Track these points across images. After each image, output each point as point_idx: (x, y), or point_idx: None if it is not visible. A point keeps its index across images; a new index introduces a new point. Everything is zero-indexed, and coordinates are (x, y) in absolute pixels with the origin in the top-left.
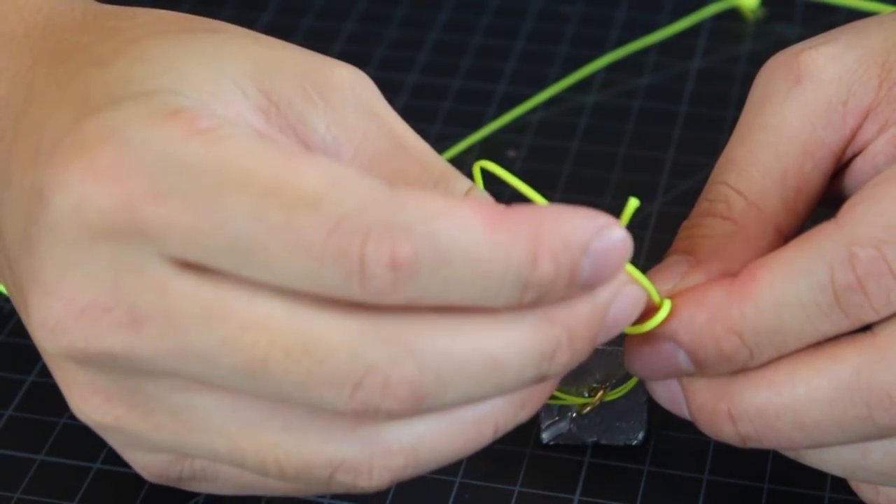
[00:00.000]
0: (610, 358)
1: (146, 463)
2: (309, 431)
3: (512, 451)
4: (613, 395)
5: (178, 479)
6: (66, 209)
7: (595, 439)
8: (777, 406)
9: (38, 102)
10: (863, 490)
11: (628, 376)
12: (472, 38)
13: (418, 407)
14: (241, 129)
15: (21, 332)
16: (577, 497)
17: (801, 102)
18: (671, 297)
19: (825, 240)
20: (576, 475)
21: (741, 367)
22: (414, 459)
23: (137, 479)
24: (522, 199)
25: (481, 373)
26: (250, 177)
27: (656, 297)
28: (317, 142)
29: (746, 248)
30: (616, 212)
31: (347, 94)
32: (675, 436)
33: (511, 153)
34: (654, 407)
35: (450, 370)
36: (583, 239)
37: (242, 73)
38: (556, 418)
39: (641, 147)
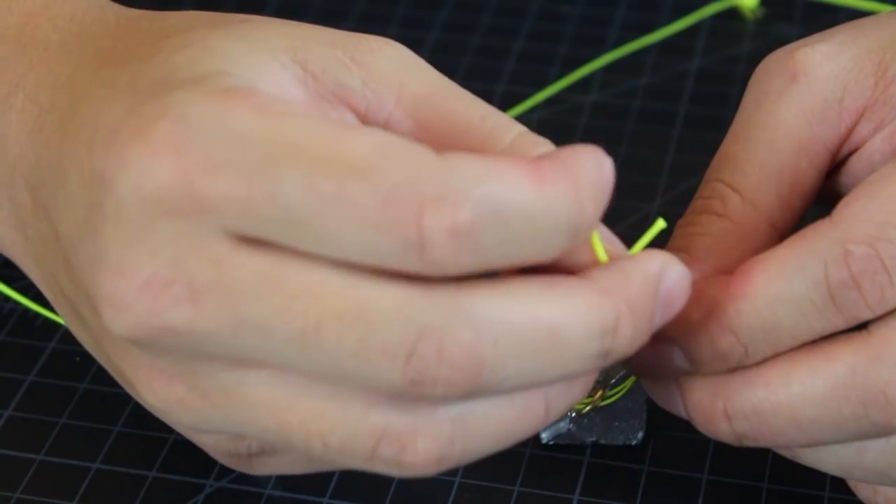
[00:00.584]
0: None
1: (214, 444)
2: (353, 399)
3: (511, 450)
4: (613, 394)
5: (248, 457)
6: (129, 187)
7: (594, 439)
8: (773, 404)
9: (88, 102)
10: (861, 489)
11: (627, 376)
12: (472, 37)
13: (477, 379)
14: (292, 105)
15: (21, 332)
16: (576, 497)
17: (796, 100)
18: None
19: (820, 238)
20: (575, 475)
21: (737, 365)
22: (462, 432)
23: (137, 480)
24: None
25: (542, 342)
26: (301, 147)
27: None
28: (357, 100)
29: (742, 245)
30: (616, 211)
31: (378, 53)
32: (674, 436)
33: None
34: (653, 407)
35: (508, 337)
36: (608, 177)
37: (277, 48)
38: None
39: (641, 147)
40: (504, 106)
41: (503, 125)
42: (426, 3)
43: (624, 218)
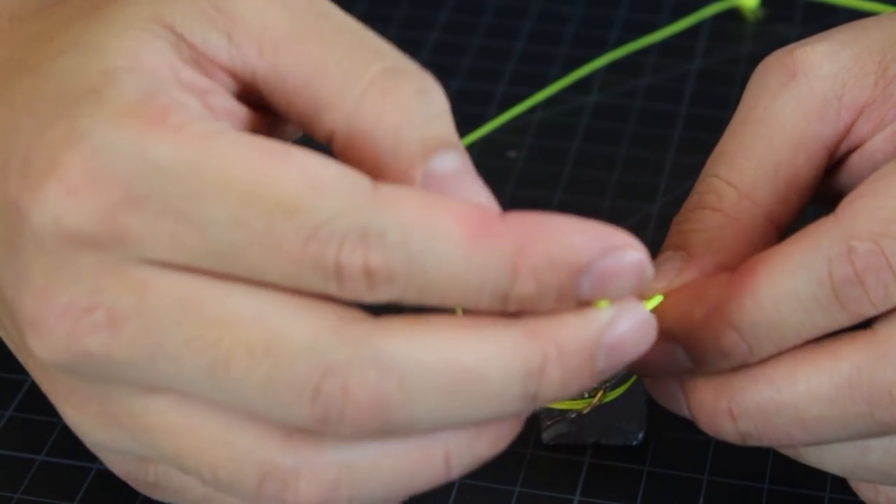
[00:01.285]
0: None
1: (117, 463)
2: (246, 433)
3: (512, 451)
4: (613, 394)
5: (146, 484)
6: (47, 223)
7: (595, 439)
8: (777, 403)
9: None
10: (862, 489)
11: (628, 375)
12: (473, 38)
13: (383, 418)
14: (212, 122)
15: None
16: (577, 497)
17: (795, 97)
18: (667, 294)
19: (823, 234)
20: (576, 475)
21: (741, 363)
22: (349, 477)
23: None
24: (524, 201)
25: (454, 385)
26: (229, 182)
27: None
28: (225, 58)
29: (740, 240)
30: (616, 212)
31: None
32: (674, 436)
33: (511, 153)
34: (653, 407)
35: (417, 377)
36: (576, 260)
37: (145, 17)
38: (557, 418)
39: (641, 147)
40: (504, 106)
41: (357, 69)
42: (427, 3)
43: (624, 219)
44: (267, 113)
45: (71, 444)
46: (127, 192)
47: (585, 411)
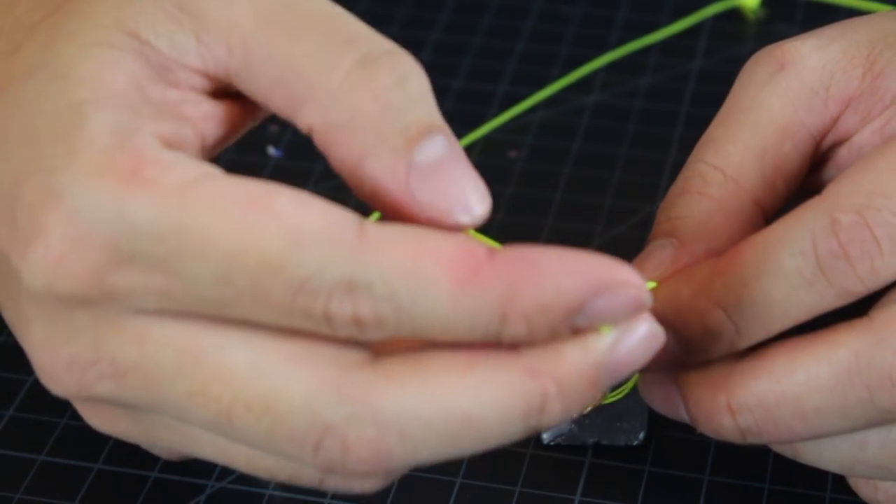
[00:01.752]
0: None
1: (106, 419)
2: (299, 378)
3: (512, 451)
4: (614, 395)
5: (138, 433)
6: (38, 287)
7: (595, 440)
8: (777, 394)
9: None
10: (861, 487)
11: (629, 377)
12: (473, 38)
13: (386, 466)
14: (187, 167)
15: None
16: (577, 497)
17: (782, 86)
18: (659, 282)
19: (808, 210)
20: (576, 475)
21: (729, 347)
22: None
23: (138, 480)
24: (524, 201)
25: (454, 431)
26: (211, 241)
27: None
28: (195, 61)
29: (728, 225)
30: (616, 212)
31: None
32: (675, 436)
33: (512, 153)
34: None
35: (415, 429)
36: (567, 303)
37: (106, 27)
38: None
39: (642, 147)
40: (505, 106)
41: (329, 61)
42: (427, 3)
43: (625, 219)
44: (246, 99)
45: (72, 444)
46: (111, 254)
47: (586, 411)
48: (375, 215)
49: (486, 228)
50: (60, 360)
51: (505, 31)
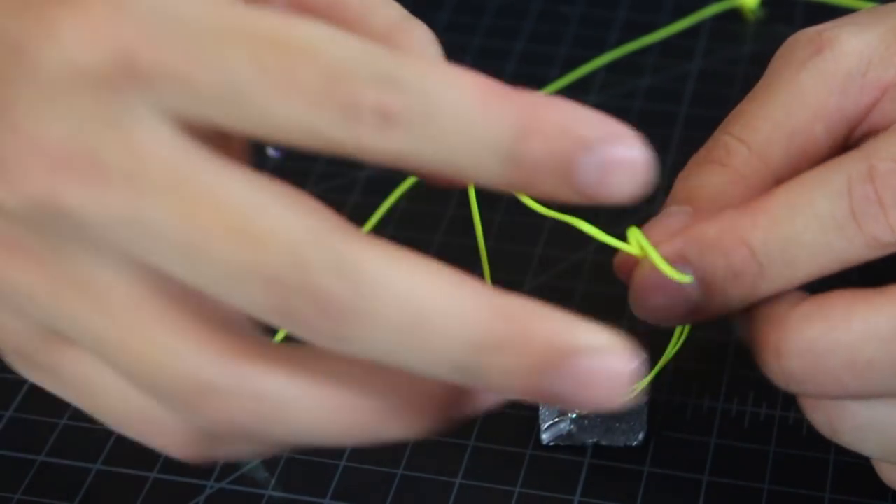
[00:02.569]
0: None
1: (8, 332)
2: (193, 338)
3: (512, 451)
4: None
5: (35, 365)
6: (54, 60)
7: (595, 440)
8: (830, 342)
9: None
10: (884, 471)
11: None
12: (473, 38)
13: (336, 328)
14: None
15: None
16: (577, 498)
17: (819, 69)
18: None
19: (846, 157)
20: (576, 476)
21: (750, 289)
22: (272, 408)
23: (138, 481)
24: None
25: (403, 321)
26: (248, 30)
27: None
28: None
29: (746, 198)
30: (616, 211)
31: None
32: (675, 437)
33: None
34: (654, 408)
35: (378, 299)
36: (585, 133)
37: None
38: (557, 419)
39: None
40: None
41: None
42: (427, 4)
43: (625, 219)
44: None
45: (71, 445)
46: (147, 34)
47: (585, 412)
48: (370, 224)
49: (485, 228)
50: (39, 143)
51: (504, 32)
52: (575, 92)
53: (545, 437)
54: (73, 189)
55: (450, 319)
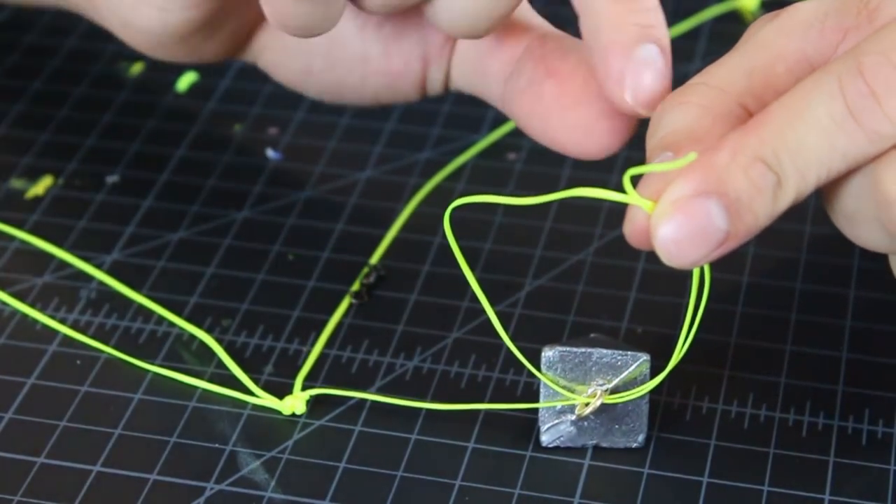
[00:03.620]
0: (610, 361)
1: None
2: None
3: (512, 453)
4: (614, 399)
5: None
6: None
7: (595, 442)
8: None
9: None
10: None
11: (631, 384)
12: None
13: None
14: None
15: (22, 335)
16: (576, 499)
17: (777, 24)
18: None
19: (834, 61)
20: (576, 478)
21: (773, 202)
22: None
23: (138, 482)
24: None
25: None
26: None
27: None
28: None
29: (717, 125)
30: (616, 213)
31: None
32: (675, 438)
33: (511, 156)
34: (654, 409)
35: None
36: None
37: None
38: (556, 421)
39: (642, 149)
40: None
41: None
42: None
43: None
44: None
45: (71, 446)
46: None
47: (585, 413)
48: (370, 224)
49: (485, 231)
50: None
51: None
52: None
53: (545, 438)
54: None
55: None
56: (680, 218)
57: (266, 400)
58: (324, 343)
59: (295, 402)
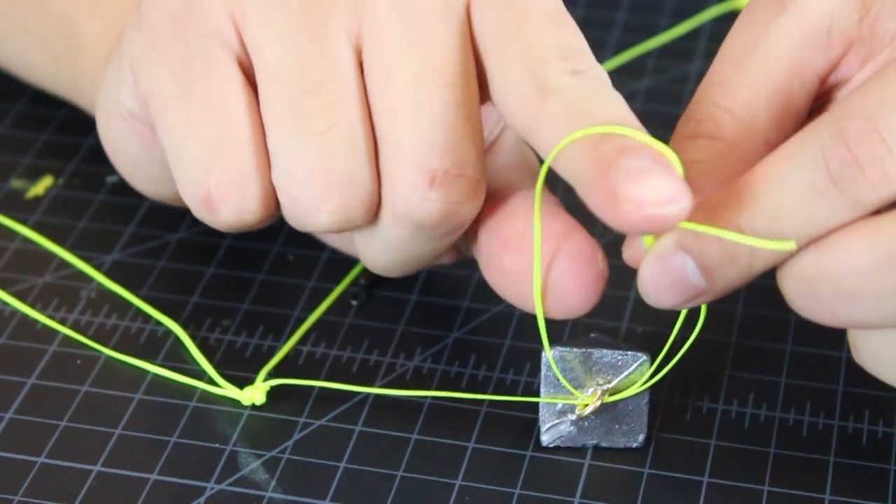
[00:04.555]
0: (610, 361)
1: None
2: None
3: (512, 453)
4: (614, 398)
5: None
6: None
7: (595, 442)
8: (819, 272)
9: None
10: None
11: (631, 384)
12: None
13: None
14: None
15: (22, 335)
16: (577, 499)
17: (786, 26)
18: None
19: (816, 124)
20: (576, 478)
21: (746, 269)
22: None
23: (138, 482)
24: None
25: None
26: None
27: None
28: None
29: (740, 167)
30: None
31: None
32: (675, 438)
33: None
34: (654, 409)
35: None
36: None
37: None
38: (557, 421)
39: None
40: None
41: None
42: None
43: None
44: None
45: (71, 446)
46: None
47: (585, 413)
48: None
49: None
50: None
51: None
52: None
53: (545, 438)
54: None
55: None
56: (659, 267)
57: (227, 390)
58: (298, 339)
59: (255, 393)
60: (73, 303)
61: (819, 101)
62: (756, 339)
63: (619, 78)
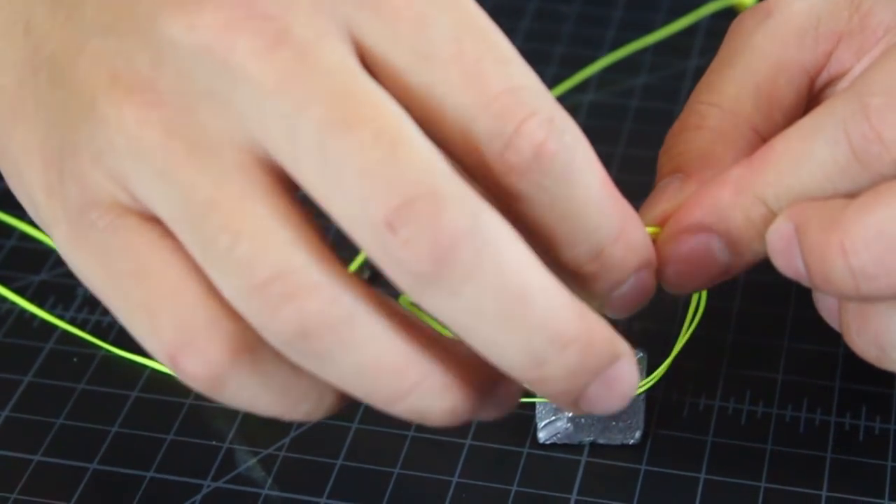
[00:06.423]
0: None
1: (87, 181)
2: (291, 228)
3: (509, 450)
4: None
5: (84, 223)
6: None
7: (592, 438)
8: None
9: None
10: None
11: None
12: None
13: (441, 262)
14: None
15: (19, 332)
16: (574, 496)
17: (771, 29)
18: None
19: (837, 100)
20: (573, 474)
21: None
22: (336, 336)
23: (134, 480)
24: None
25: (509, 289)
26: (461, 3)
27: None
28: None
29: (729, 151)
30: None
31: None
32: (672, 435)
33: None
34: (651, 406)
35: (493, 256)
36: (647, 258)
37: None
38: (553, 417)
39: (639, 147)
40: None
41: None
42: None
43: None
44: None
45: (68, 444)
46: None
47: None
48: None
49: None
50: None
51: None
52: (572, 91)
53: (542, 435)
54: (245, 43)
55: (548, 303)
56: (683, 249)
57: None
58: None
59: None
60: (71, 300)
61: (815, 96)
62: (753, 336)
63: (616, 75)
